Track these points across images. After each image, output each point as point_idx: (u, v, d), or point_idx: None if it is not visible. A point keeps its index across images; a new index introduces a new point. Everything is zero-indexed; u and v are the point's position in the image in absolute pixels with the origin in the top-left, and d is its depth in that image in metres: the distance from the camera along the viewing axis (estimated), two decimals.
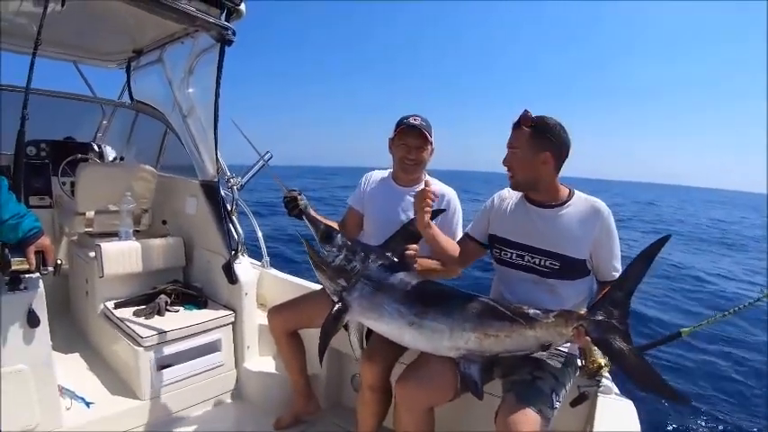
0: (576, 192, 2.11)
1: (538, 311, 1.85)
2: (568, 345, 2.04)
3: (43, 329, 2.11)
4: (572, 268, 2.03)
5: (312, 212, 2.35)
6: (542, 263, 2.05)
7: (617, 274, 2.06)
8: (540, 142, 1.99)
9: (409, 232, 2.20)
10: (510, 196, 2.24)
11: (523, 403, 1.77)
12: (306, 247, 2.17)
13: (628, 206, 39.85)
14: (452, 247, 2.26)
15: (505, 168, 2.08)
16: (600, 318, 1.78)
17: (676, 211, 43.29)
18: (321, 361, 2.15)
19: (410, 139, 2.46)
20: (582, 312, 1.85)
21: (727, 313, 2.29)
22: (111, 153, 4.86)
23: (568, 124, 2.03)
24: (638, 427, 1.83)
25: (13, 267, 1.95)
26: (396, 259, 2.14)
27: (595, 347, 2.03)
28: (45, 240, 2.03)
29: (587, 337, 1.79)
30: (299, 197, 2.34)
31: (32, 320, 2.05)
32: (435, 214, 2.29)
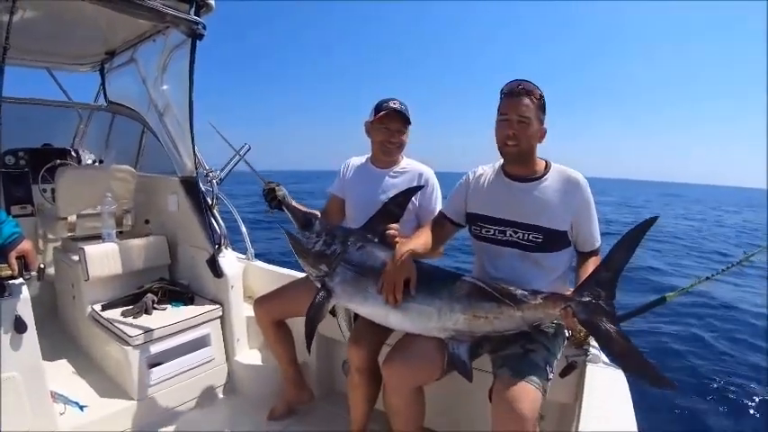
0: (552, 164, 2.10)
1: (525, 293, 1.86)
2: None
3: (31, 335, 2.10)
4: (555, 240, 2.03)
5: (291, 202, 2.36)
6: (525, 237, 2.04)
7: (597, 244, 2.07)
8: (543, 115, 2.01)
9: (389, 212, 2.20)
10: (485, 172, 2.22)
11: (519, 377, 1.75)
12: (286, 236, 2.17)
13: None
14: (428, 243, 2.19)
15: (505, 137, 2.00)
16: (587, 299, 1.78)
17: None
18: (309, 348, 2.15)
19: (392, 123, 2.49)
20: (569, 294, 1.85)
21: (710, 276, 2.27)
22: (89, 157, 4.83)
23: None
24: (628, 394, 1.84)
25: None
26: (377, 240, 2.14)
27: None
28: (26, 245, 2.02)
29: (575, 318, 1.79)
30: (276, 188, 2.36)
31: (19, 326, 2.04)
32: (413, 192, 2.32)
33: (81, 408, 2.54)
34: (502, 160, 2.15)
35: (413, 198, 2.37)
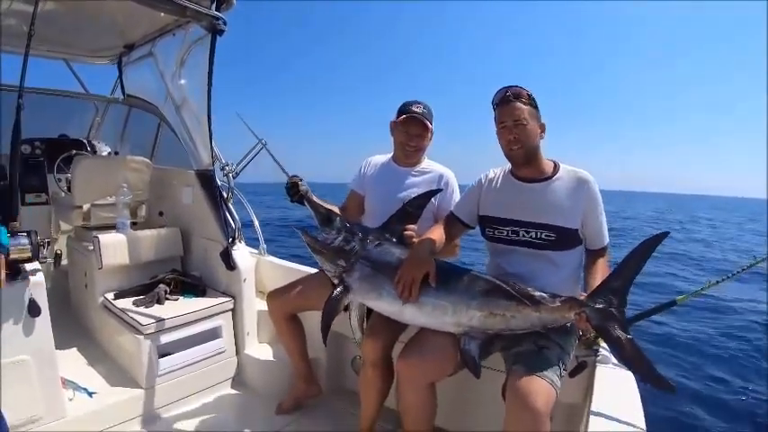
0: (561, 164, 2.15)
1: (544, 295, 1.90)
2: None
3: (44, 319, 2.11)
4: (567, 238, 2.07)
5: (313, 197, 2.40)
6: (538, 236, 2.07)
7: (605, 242, 2.12)
8: (538, 114, 2.09)
9: (407, 213, 2.23)
10: (496, 175, 2.27)
11: (533, 373, 1.76)
12: (302, 235, 2.20)
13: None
14: (442, 239, 2.23)
15: (508, 143, 2.08)
16: (600, 306, 1.84)
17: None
18: (325, 341, 2.16)
19: (412, 128, 2.54)
20: (583, 298, 1.89)
21: (721, 280, 2.29)
22: (104, 149, 4.88)
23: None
24: (637, 395, 1.84)
25: (12, 256, 1.94)
26: (394, 240, 2.17)
27: None
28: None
29: (588, 323, 1.85)
30: (300, 183, 2.41)
31: (33, 310, 2.05)
32: (432, 194, 2.35)
33: (90, 394, 2.55)
34: (510, 165, 2.21)
35: (433, 199, 2.40)
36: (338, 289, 2.12)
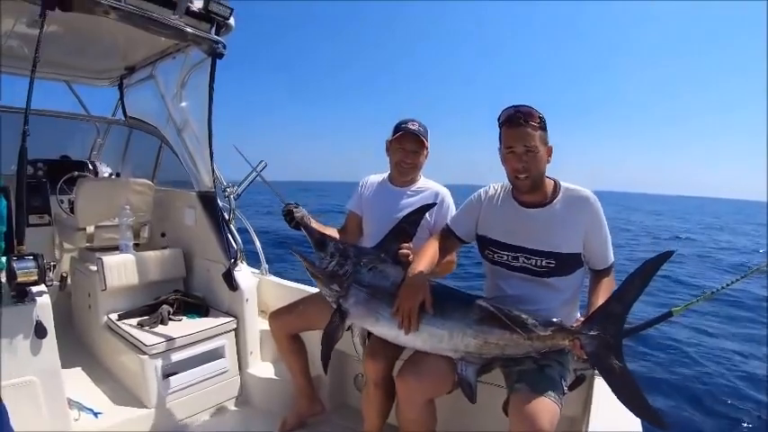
0: (561, 184, 2.10)
1: (536, 322, 1.89)
2: None
3: (50, 341, 2.13)
4: (567, 264, 2.05)
5: (309, 222, 2.43)
6: (538, 263, 2.05)
7: (610, 261, 2.08)
8: (547, 137, 2.01)
9: (402, 230, 2.24)
10: (497, 193, 2.23)
11: (537, 393, 1.77)
12: (301, 259, 2.21)
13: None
14: (435, 257, 2.21)
15: (514, 170, 2.01)
16: (595, 333, 1.82)
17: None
18: (326, 369, 2.20)
19: (408, 144, 2.56)
20: (578, 324, 1.89)
21: (716, 291, 2.27)
22: (106, 170, 4.91)
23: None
24: None
25: (19, 279, 1.97)
26: (390, 260, 2.18)
27: None
28: None
29: (582, 350, 1.84)
30: (294, 210, 2.43)
31: (40, 331, 2.08)
32: (426, 209, 2.35)
33: (95, 415, 2.57)
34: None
35: (428, 216, 2.43)
36: (336, 317, 2.14)
